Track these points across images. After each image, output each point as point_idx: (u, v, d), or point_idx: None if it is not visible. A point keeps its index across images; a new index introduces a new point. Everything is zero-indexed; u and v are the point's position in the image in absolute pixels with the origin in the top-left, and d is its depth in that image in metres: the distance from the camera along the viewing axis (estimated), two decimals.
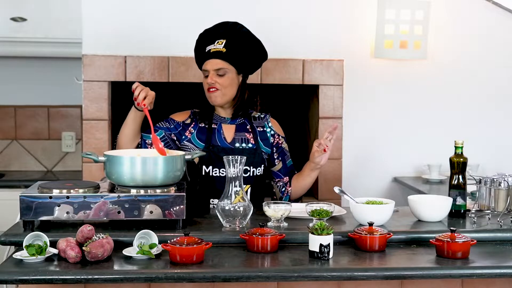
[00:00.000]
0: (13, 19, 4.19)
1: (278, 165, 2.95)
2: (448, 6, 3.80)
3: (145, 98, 2.61)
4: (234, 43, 2.79)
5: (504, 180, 2.54)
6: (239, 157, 2.39)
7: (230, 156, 2.39)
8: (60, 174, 4.47)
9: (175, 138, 2.83)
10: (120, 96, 3.80)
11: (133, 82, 2.71)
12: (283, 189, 2.94)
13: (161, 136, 2.81)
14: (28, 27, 4.21)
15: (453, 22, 3.82)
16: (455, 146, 2.58)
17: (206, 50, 2.81)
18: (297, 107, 4.19)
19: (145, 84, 2.73)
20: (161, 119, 2.89)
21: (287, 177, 2.96)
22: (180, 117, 2.89)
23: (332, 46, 3.72)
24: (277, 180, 2.96)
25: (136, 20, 3.57)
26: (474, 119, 3.88)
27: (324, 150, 2.74)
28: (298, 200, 3.00)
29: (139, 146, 2.80)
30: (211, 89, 2.78)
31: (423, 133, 3.85)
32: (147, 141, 2.80)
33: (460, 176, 2.57)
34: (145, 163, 2.34)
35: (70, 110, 4.57)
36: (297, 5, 3.68)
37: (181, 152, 2.50)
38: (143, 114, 2.69)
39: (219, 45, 2.78)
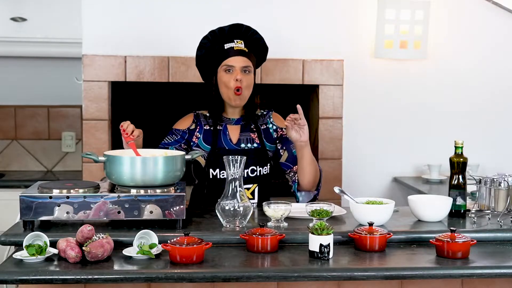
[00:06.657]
0: (13, 19, 4.19)
1: (284, 155, 2.89)
2: (448, 6, 3.80)
3: (132, 131, 2.56)
4: (250, 46, 2.82)
5: (504, 180, 2.54)
6: (239, 157, 2.38)
7: (230, 156, 2.39)
8: (60, 174, 4.47)
9: (186, 147, 2.83)
10: (120, 96, 3.80)
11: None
12: (294, 177, 2.85)
13: None
14: (28, 27, 4.21)
15: (453, 22, 3.82)
16: (455, 146, 2.58)
17: (227, 47, 2.79)
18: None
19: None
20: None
21: (296, 166, 2.85)
22: (184, 124, 2.86)
23: (332, 46, 3.72)
24: (288, 171, 2.88)
25: (136, 20, 3.57)
26: (474, 119, 3.88)
27: (295, 123, 2.66)
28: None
29: None
30: (238, 91, 2.74)
31: (423, 133, 3.85)
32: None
33: (460, 176, 2.56)
34: (145, 163, 2.34)
35: (70, 110, 4.57)
36: (297, 5, 3.68)
37: (181, 152, 2.50)
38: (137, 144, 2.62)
39: (240, 44, 2.78)
